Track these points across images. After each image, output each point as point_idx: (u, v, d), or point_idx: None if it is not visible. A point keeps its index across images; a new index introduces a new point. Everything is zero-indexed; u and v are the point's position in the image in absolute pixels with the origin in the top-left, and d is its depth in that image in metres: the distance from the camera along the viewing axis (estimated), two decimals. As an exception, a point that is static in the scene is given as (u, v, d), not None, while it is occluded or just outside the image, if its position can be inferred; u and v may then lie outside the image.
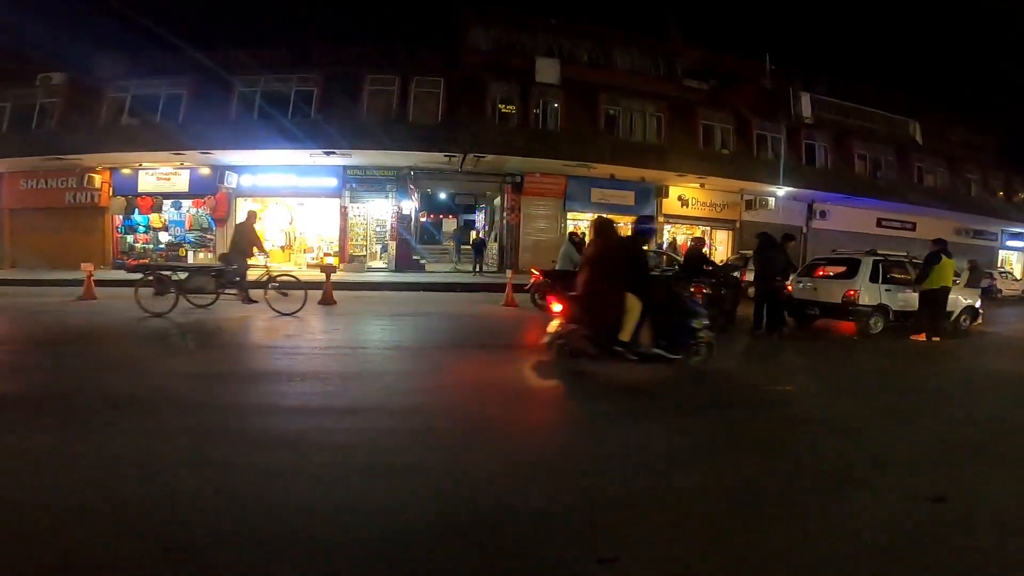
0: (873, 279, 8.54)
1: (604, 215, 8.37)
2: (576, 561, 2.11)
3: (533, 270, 10.42)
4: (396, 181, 17.21)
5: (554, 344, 5.16)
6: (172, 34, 14.93)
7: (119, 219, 17.26)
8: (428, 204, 22.22)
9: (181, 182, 17.18)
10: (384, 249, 17.79)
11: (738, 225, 19.80)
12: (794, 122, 19.35)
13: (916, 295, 8.55)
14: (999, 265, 24.67)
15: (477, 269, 17.07)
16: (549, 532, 2.32)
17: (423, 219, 21.55)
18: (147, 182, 17.24)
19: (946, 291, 8.33)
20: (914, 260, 9.08)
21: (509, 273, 11.73)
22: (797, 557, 2.19)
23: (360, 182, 17.25)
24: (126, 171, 17.14)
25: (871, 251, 9.10)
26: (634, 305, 4.81)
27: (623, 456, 3.21)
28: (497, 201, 18.97)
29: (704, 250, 9.43)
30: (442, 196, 22.15)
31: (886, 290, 8.59)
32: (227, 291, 8.44)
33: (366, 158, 16.33)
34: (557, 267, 9.34)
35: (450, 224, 24.11)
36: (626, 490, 2.77)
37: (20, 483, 2.64)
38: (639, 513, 2.54)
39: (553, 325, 5.17)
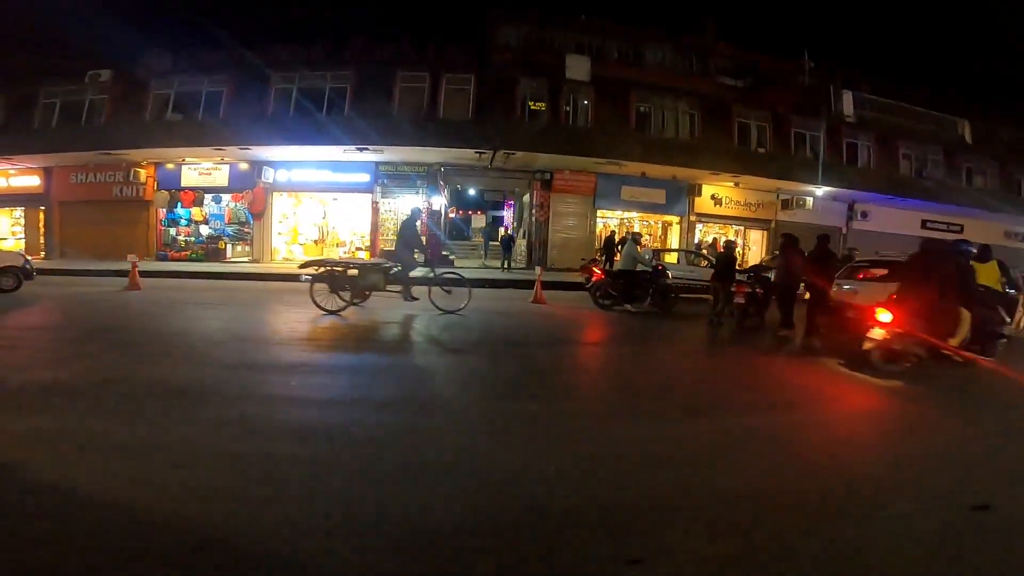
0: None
1: (790, 232, 8.91)
2: (601, 561, 2.11)
3: (595, 268, 10.61)
4: (427, 177, 17.38)
5: (879, 350, 5.67)
6: (213, 32, 15.49)
7: (163, 212, 17.93)
8: (458, 200, 22.33)
9: (221, 177, 17.72)
10: (414, 244, 17.97)
11: (773, 225, 19.29)
12: (835, 121, 18.72)
13: None
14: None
15: (505, 265, 17.12)
16: (576, 531, 2.32)
17: (452, 215, 21.70)
18: (190, 176, 17.84)
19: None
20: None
21: (538, 270, 11.71)
22: (830, 565, 2.15)
23: (391, 178, 17.49)
24: (170, 166, 17.78)
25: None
26: (966, 316, 5.68)
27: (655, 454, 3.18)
28: (526, 198, 18.95)
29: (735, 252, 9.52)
30: (471, 192, 22.24)
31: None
32: (389, 288, 8.50)
33: (398, 154, 16.55)
34: (620, 266, 9.70)
35: (479, 220, 24.22)
36: (650, 490, 2.75)
37: (82, 471, 2.79)
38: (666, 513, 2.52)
39: (878, 333, 5.66)
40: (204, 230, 17.99)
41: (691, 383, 5.38)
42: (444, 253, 17.74)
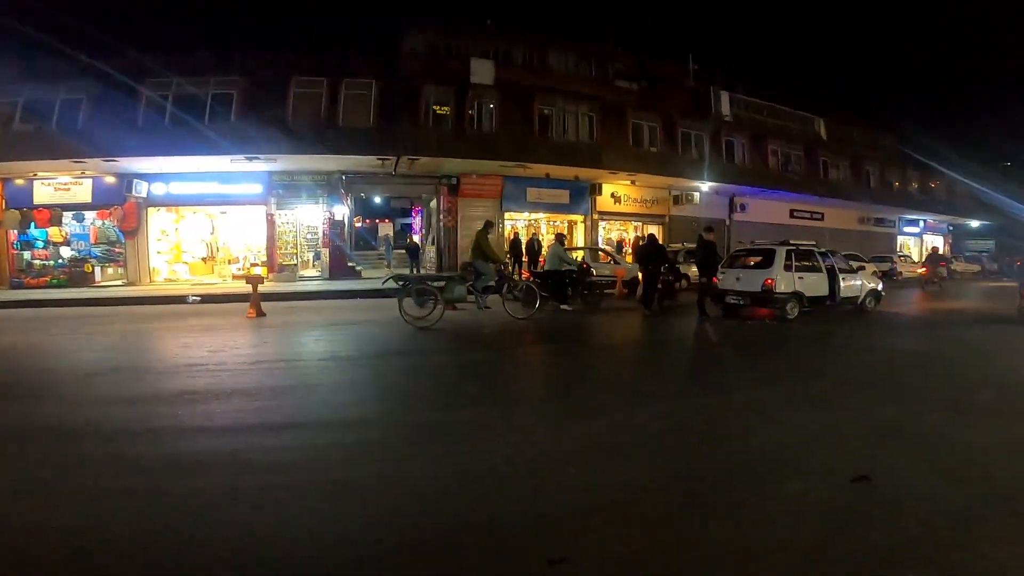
0: (787, 268, 9.15)
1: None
2: (525, 564, 2.11)
3: (521, 271, 10.73)
4: (327, 186, 16.61)
5: None
6: (72, 37, 13.71)
7: (14, 234, 15.55)
8: (362, 209, 21.60)
9: (83, 192, 15.71)
10: (317, 257, 17.12)
11: (667, 219, 20.69)
12: (715, 121, 20.54)
13: (824, 281, 9.40)
14: (898, 250, 27.32)
15: (413, 272, 16.81)
16: (498, 537, 2.30)
17: (358, 224, 20.92)
18: (43, 193, 15.64)
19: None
20: (823, 249, 9.93)
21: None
22: (740, 547, 2.25)
23: (287, 188, 16.51)
24: (19, 181, 15.47)
25: (784, 241, 9.78)
26: None
27: (569, 454, 3.25)
28: (433, 204, 18.74)
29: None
30: (377, 200, 21.62)
31: (799, 278, 9.22)
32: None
33: (293, 163, 15.66)
34: (547, 267, 9.89)
35: (386, 228, 23.57)
36: (575, 490, 2.80)
37: None
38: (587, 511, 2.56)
39: None
40: (66, 252, 15.82)
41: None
42: (351, 264, 17.09)
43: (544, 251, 16.83)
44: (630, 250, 18.49)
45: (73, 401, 4.47)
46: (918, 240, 31.38)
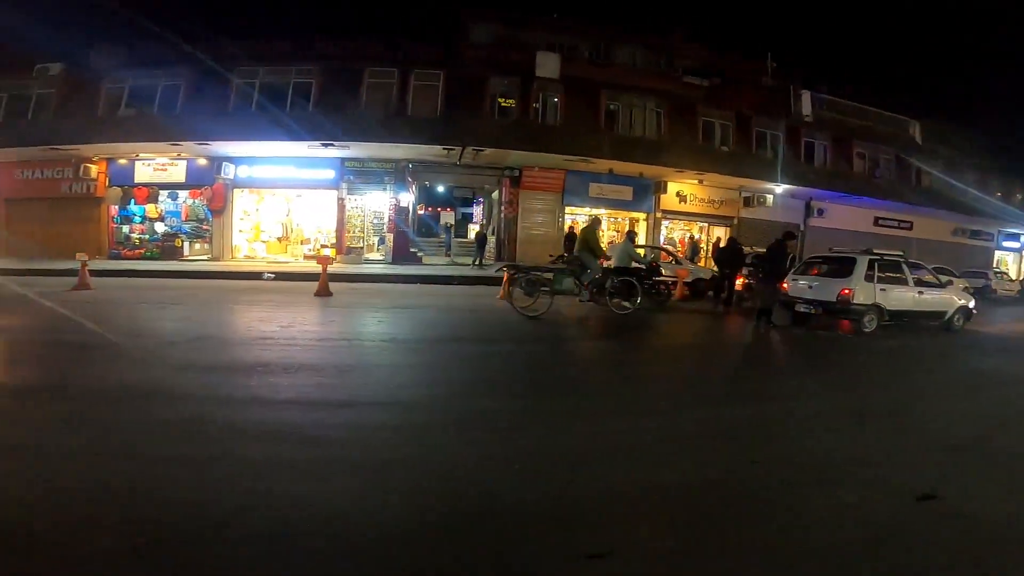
0: (868, 278, 8.56)
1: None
2: (566, 556, 2.12)
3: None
4: (394, 174, 17.15)
5: None
6: (171, 26, 14.89)
7: (115, 209, 17.16)
8: (426, 197, 22.11)
9: (178, 173, 17.07)
10: (381, 241, 17.76)
11: (736, 222, 19.81)
12: (794, 120, 19.35)
13: (911, 295, 8.71)
14: (995, 265, 24.76)
15: (477, 262, 17.09)
16: (541, 526, 2.33)
17: (421, 212, 21.48)
18: (144, 173, 17.13)
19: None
20: (910, 260, 9.19)
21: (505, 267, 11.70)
22: (784, 551, 2.21)
23: (358, 174, 17.19)
24: (122, 161, 17.03)
25: (866, 250, 9.12)
26: None
27: (612, 449, 3.23)
28: (495, 195, 18.91)
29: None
30: (440, 189, 22.06)
31: (881, 289, 8.60)
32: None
33: (364, 150, 16.27)
34: (615, 264, 9.69)
35: (448, 217, 24.04)
36: (616, 483, 2.78)
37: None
38: (630, 507, 2.55)
39: None
40: (159, 227, 17.31)
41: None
42: (412, 250, 17.59)
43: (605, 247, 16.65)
44: (708, 251, 17.91)
45: (159, 366, 4.89)
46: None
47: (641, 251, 13.68)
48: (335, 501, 2.47)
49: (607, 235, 18.83)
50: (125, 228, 17.29)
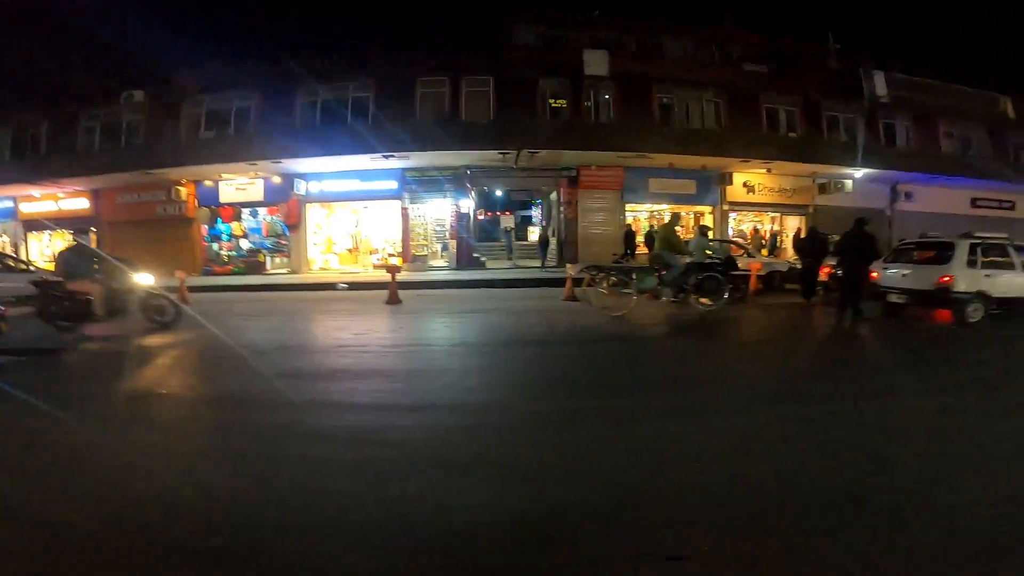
0: (971, 264, 7.82)
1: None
2: (643, 557, 2.11)
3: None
4: (453, 180, 17.54)
5: None
6: (237, 48, 16.03)
7: (205, 228, 18.68)
8: (485, 202, 22.45)
9: (256, 191, 18.30)
10: (444, 248, 18.22)
11: (811, 210, 18.66)
12: (869, 102, 18.06)
13: (1021, 280, 7.86)
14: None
15: (542, 264, 17.16)
16: (617, 527, 2.33)
17: (481, 217, 21.85)
18: (227, 192, 18.49)
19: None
20: (1017, 243, 8.27)
21: (568, 267, 11.70)
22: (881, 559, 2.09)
23: (419, 183, 17.72)
24: (208, 183, 18.46)
25: (966, 234, 8.33)
26: None
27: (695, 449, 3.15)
28: (553, 196, 18.90)
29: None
30: (498, 193, 22.33)
31: (985, 276, 7.83)
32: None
33: (423, 159, 16.74)
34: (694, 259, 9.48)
35: (508, 220, 24.31)
36: (693, 485, 2.72)
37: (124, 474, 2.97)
38: (710, 508, 2.50)
39: None
40: (244, 244, 18.65)
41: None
42: (475, 255, 17.93)
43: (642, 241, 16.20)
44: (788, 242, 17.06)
45: (250, 375, 5.29)
46: None
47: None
48: (414, 501, 2.58)
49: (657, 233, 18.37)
50: (215, 246, 18.77)
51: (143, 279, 7.76)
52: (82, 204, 19.56)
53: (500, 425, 3.69)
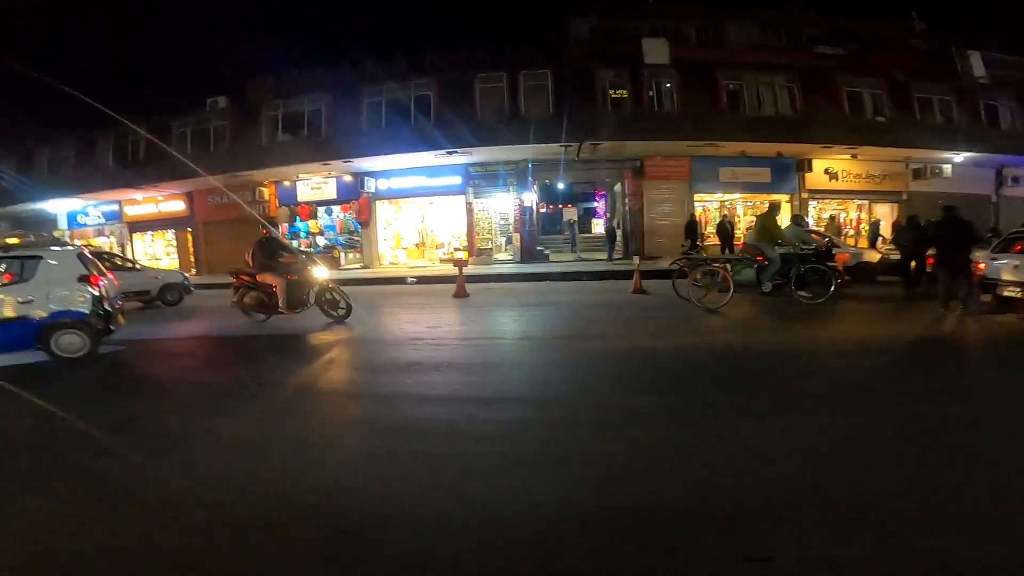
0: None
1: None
2: (723, 559, 2.09)
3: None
4: (516, 175, 17.66)
5: None
6: (308, 55, 16.91)
7: (286, 227, 19.92)
8: (547, 195, 22.42)
9: (330, 190, 19.27)
10: (508, 241, 18.41)
11: (905, 196, 17.27)
12: (966, 82, 16.43)
13: None
14: None
15: (609, 256, 16.98)
16: (694, 527, 2.32)
17: (543, 210, 21.84)
18: (303, 192, 19.61)
19: None
20: None
21: (636, 260, 11.53)
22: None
23: (482, 178, 17.99)
24: (287, 183, 19.66)
25: None
26: None
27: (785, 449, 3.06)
28: (617, 187, 18.59)
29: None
30: (560, 186, 22.22)
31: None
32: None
33: (485, 154, 16.96)
34: (784, 250, 9.00)
35: (571, 213, 24.17)
36: (777, 487, 2.66)
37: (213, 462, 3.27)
38: (790, 509, 2.43)
39: None
40: (321, 241, 19.71)
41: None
42: (539, 249, 17.99)
43: (741, 234, 15.58)
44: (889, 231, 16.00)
45: (336, 367, 5.65)
46: None
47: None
48: (494, 497, 2.64)
49: (744, 220, 17.62)
50: (295, 243, 19.94)
51: (320, 273, 8.16)
52: (179, 206, 21.40)
53: (578, 420, 3.69)
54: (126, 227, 22.71)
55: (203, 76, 19.10)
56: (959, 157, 15.97)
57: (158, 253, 22.97)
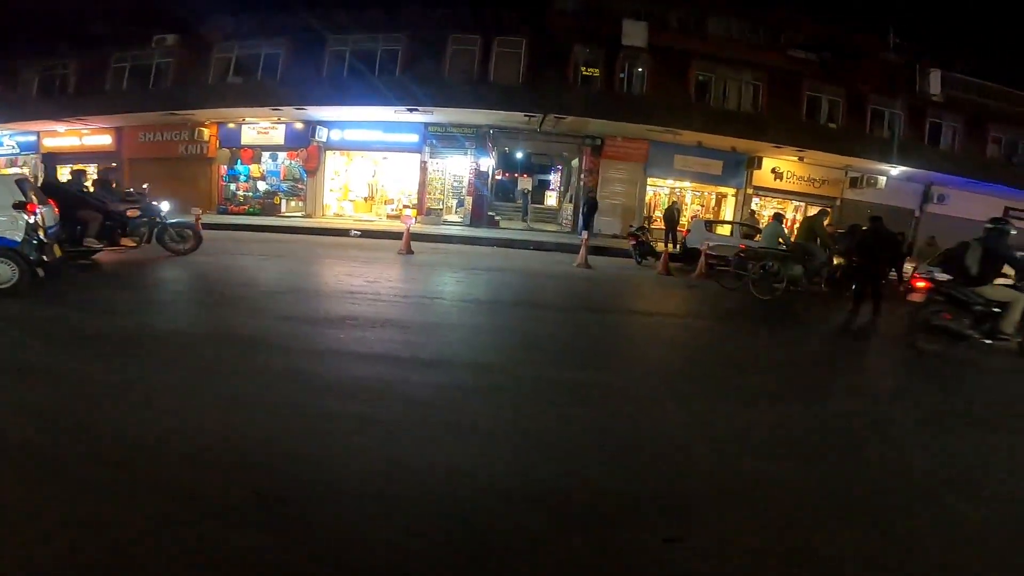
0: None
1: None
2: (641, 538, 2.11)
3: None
4: (475, 139, 17.26)
5: None
6: None
7: (224, 169, 18.67)
8: (505, 162, 22.11)
9: (278, 135, 18.16)
10: (460, 204, 18.10)
11: (838, 203, 18.22)
12: (919, 99, 17.39)
13: None
14: None
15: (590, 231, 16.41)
16: (619, 506, 2.32)
17: (499, 177, 21.56)
18: (249, 135, 18.39)
19: None
20: None
21: (584, 235, 11.58)
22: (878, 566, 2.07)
23: (440, 139, 17.47)
24: (231, 125, 18.36)
25: None
26: None
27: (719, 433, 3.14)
28: (575, 163, 18.56)
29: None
30: (519, 155, 21.97)
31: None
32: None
33: (447, 116, 16.45)
34: (763, 245, 9.15)
35: (526, 183, 24.05)
36: (703, 473, 2.73)
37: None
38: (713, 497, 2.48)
39: None
40: (261, 186, 18.63)
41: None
42: (490, 214, 17.79)
43: (686, 221, 15.95)
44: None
45: (260, 316, 5.31)
46: None
47: (724, 229, 12.99)
48: (421, 463, 2.54)
49: (690, 210, 18.09)
50: (232, 186, 18.78)
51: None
52: (104, 140, 19.71)
53: (519, 391, 3.63)
54: (41, 158, 20.64)
55: (154, 11, 17.29)
56: (895, 170, 16.87)
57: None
